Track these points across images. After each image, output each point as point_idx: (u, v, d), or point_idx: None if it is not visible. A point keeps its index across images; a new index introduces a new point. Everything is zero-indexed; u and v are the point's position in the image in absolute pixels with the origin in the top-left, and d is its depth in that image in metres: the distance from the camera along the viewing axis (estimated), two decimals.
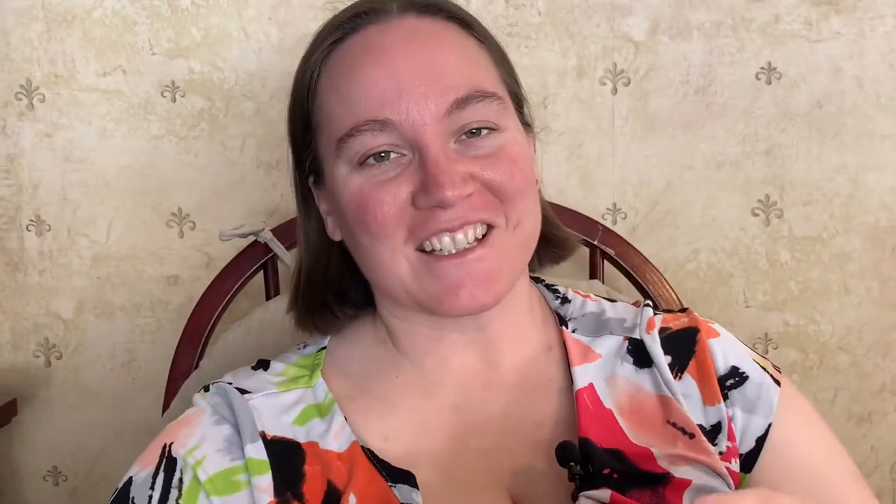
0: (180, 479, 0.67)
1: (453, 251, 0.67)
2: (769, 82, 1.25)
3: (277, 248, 1.12)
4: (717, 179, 1.27)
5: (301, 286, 0.78)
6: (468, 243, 0.67)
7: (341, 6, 0.74)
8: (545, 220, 0.77)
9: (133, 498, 0.68)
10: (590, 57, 1.25)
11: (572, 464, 0.65)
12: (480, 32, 0.74)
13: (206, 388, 0.73)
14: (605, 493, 0.64)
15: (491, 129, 0.69)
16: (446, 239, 0.67)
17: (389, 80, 0.67)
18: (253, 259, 1.12)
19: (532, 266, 0.81)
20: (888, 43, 1.24)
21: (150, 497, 0.67)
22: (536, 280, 0.83)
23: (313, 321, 0.78)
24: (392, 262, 0.68)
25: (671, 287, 1.16)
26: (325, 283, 0.78)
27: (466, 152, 0.68)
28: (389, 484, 0.66)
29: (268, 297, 1.14)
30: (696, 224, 1.28)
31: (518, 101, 0.76)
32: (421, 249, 0.68)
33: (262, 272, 1.14)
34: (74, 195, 1.27)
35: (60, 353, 1.31)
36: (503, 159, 0.69)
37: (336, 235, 0.76)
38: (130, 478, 0.70)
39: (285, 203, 1.27)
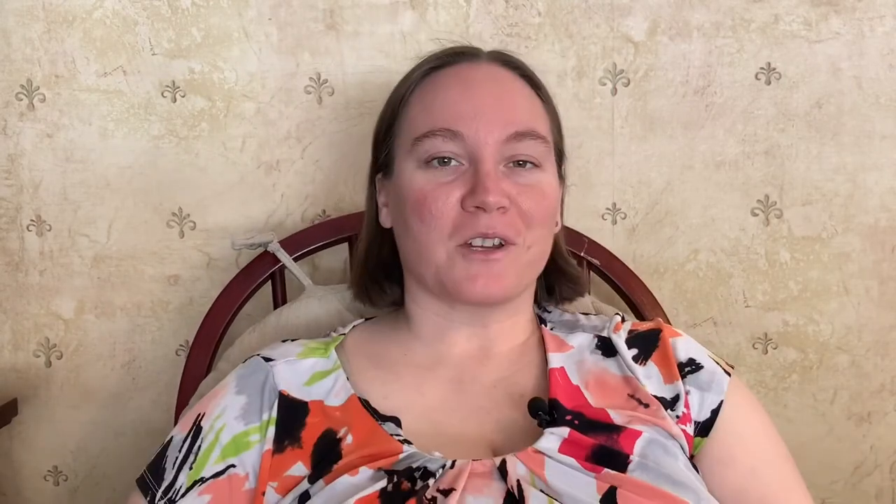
0: (199, 447, 0.83)
1: (482, 246, 0.82)
2: (769, 82, 1.25)
3: (285, 258, 1.16)
4: (716, 179, 1.27)
5: (359, 265, 0.97)
6: (493, 244, 0.83)
7: (446, 42, 0.94)
8: (562, 259, 0.96)
9: (167, 456, 0.84)
10: (589, 57, 1.26)
11: (540, 413, 0.80)
12: (545, 94, 0.92)
13: (244, 362, 0.90)
14: (564, 430, 0.79)
15: (534, 165, 0.86)
16: (478, 240, 0.82)
17: (469, 103, 0.85)
18: (262, 269, 1.18)
19: (550, 301, 0.98)
20: (887, 43, 1.24)
21: (177, 458, 0.83)
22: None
23: (367, 294, 0.97)
24: (435, 248, 0.83)
25: (653, 293, 1.19)
26: (378, 264, 0.95)
27: (511, 176, 0.84)
28: (379, 422, 0.81)
29: (275, 305, 1.18)
30: (695, 224, 1.28)
31: (559, 155, 0.93)
32: (459, 245, 0.83)
33: (270, 281, 1.18)
34: (75, 195, 1.28)
35: (61, 352, 1.31)
36: (537, 192, 0.85)
37: (387, 223, 0.92)
38: (171, 438, 0.86)
39: (285, 203, 1.28)
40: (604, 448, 0.78)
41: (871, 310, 1.29)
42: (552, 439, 0.78)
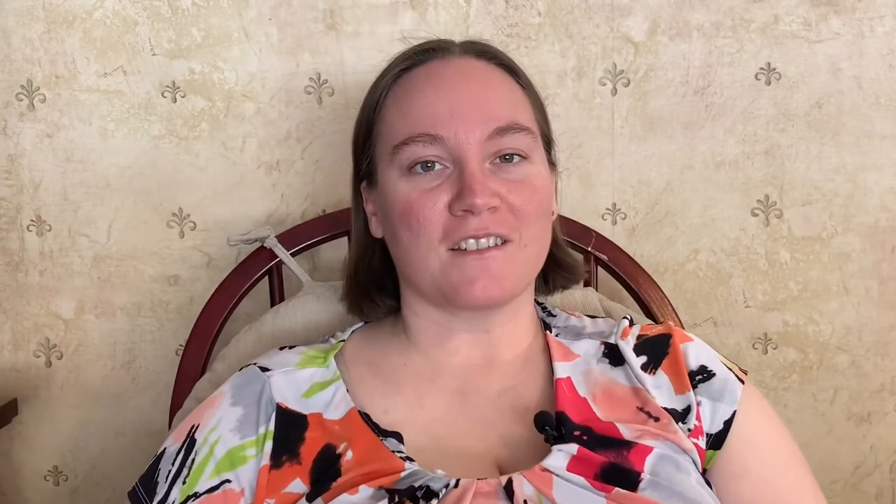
0: (193, 460, 0.80)
1: (476, 249, 0.79)
2: (768, 83, 1.25)
3: (282, 253, 1.14)
4: (716, 179, 1.27)
5: (349, 277, 0.93)
6: (488, 245, 0.79)
7: (414, 40, 0.89)
8: (558, 247, 0.91)
9: (160, 469, 0.81)
10: (589, 57, 1.26)
11: (547, 427, 0.77)
12: (524, 80, 0.88)
13: (240, 370, 0.87)
14: (572, 447, 0.76)
15: (522, 158, 0.82)
16: (471, 241, 0.79)
17: (444, 103, 0.81)
18: (258, 264, 1.16)
19: (545, 290, 0.94)
20: (887, 43, 1.24)
21: (169, 472, 0.80)
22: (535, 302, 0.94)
23: (359, 307, 0.93)
24: (426, 256, 0.80)
25: (661, 289, 1.18)
26: (368, 275, 0.92)
27: (498, 173, 0.81)
28: (380, 438, 0.78)
29: (273, 302, 1.16)
30: (695, 224, 1.28)
31: (548, 142, 0.89)
32: (451, 249, 0.80)
33: (266, 277, 1.17)
34: (75, 195, 1.28)
35: (61, 352, 1.31)
36: (527, 187, 0.81)
37: (378, 233, 0.89)
38: (164, 449, 0.83)
39: (285, 203, 1.28)
40: (614, 465, 0.75)
41: (871, 310, 1.29)
42: (560, 457, 0.75)
